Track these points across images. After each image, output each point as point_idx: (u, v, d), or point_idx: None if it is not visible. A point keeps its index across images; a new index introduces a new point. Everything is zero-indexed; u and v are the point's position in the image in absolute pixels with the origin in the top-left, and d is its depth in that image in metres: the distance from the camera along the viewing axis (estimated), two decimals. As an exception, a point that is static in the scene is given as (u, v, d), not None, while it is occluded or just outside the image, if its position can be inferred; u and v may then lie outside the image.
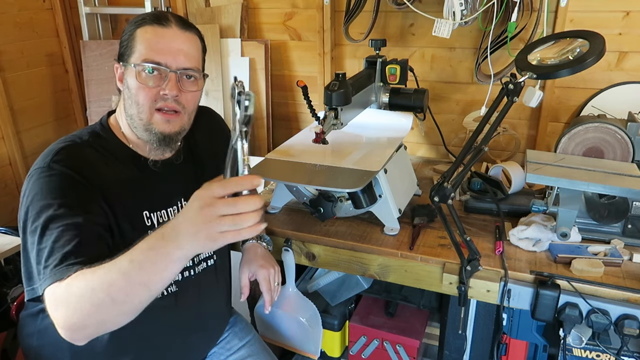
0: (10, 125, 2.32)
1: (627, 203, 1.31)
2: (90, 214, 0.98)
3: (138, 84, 1.04)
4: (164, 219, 1.15)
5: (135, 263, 0.81)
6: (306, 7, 2.09)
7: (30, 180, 1.00)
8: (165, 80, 1.05)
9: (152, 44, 1.04)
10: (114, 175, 1.06)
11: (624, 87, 1.75)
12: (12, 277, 1.90)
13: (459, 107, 2.01)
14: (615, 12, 1.69)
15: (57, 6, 2.47)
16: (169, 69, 1.05)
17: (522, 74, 1.19)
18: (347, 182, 1.27)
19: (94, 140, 1.09)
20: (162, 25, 1.05)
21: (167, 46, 1.05)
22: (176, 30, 1.06)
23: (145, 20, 1.06)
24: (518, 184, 1.55)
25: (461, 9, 1.62)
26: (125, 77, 1.07)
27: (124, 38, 1.08)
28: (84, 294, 0.84)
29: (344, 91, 1.32)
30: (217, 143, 1.30)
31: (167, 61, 1.04)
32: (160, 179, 1.15)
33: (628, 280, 1.18)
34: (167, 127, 1.08)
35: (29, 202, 0.98)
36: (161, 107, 1.06)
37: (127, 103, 1.08)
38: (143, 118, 1.06)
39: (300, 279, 1.83)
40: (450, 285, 1.25)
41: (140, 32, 1.05)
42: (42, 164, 1.00)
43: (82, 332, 0.87)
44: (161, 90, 1.05)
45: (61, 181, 0.98)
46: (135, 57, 1.05)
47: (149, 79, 1.04)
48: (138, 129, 1.08)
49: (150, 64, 1.03)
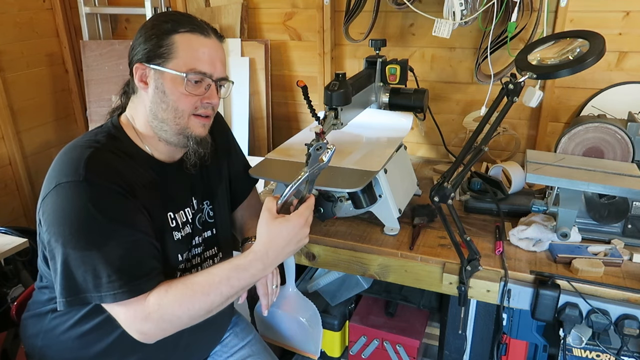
0: (10, 125, 2.32)
1: (627, 203, 1.31)
2: (140, 226, 1.02)
3: (181, 91, 1.06)
4: (183, 219, 1.17)
5: (235, 288, 1.02)
6: (306, 7, 2.09)
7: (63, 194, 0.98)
8: (207, 90, 1.09)
9: (199, 54, 1.07)
10: (138, 179, 1.06)
11: (624, 87, 1.75)
12: (12, 277, 1.89)
13: (459, 107, 2.01)
14: (615, 12, 1.69)
15: (57, 6, 2.48)
16: (212, 78, 1.09)
17: (522, 74, 1.19)
18: (347, 182, 1.27)
19: (111, 143, 1.08)
20: (204, 35, 1.08)
21: (211, 57, 1.08)
22: (214, 40, 1.10)
23: (185, 28, 1.06)
24: (518, 184, 1.55)
25: (461, 9, 1.62)
26: (159, 81, 1.06)
27: (153, 42, 1.06)
28: (182, 316, 1.00)
29: (344, 91, 1.32)
30: (219, 142, 1.31)
31: (212, 71, 1.09)
32: (175, 180, 1.17)
33: (628, 280, 1.18)
34: (203, 131, 1.13)
35: (70, 218, 0.97)
36: (201, 113, 1.11)
37: (159, 107, 1.08)
38: (180, 123, 1.09)
39: (300, 279, 1.83)
40: (450, 285, 1.25)
41: (181, 39, 1.06)
42: (74, 176, 0.97)
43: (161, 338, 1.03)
44: (204, 99, 1.09)
45: (105, 195, 0.99)
46: (177, 64, 1.05)
47: (194, 87, 1.07)
48: (168, 133, 1.10)
49: (198, 75, 1.06)
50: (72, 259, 0.97)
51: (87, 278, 0.97)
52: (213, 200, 1.27)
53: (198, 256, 1.22)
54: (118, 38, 2.51)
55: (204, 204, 1.25)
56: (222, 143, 1.33)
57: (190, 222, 1.19)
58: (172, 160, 1.17)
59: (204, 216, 1.25)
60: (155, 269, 1.03)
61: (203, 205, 1.24)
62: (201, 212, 1.24)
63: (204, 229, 1.24)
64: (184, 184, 1.19)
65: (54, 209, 0.98)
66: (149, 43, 1.06)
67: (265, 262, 1.01)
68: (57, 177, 0.99)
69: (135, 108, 1.13)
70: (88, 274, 0.96)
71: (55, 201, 0.98)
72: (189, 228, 1.18)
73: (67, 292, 0.98)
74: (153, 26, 1.08)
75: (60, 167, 1.01)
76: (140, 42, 1.07)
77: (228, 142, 1.37)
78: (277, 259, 1.02)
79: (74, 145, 1.06)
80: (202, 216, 1.24)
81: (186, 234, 1.17)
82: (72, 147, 1.06)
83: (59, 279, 0.98)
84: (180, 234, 1.15)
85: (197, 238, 1.21)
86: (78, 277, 0.97)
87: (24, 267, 1.90)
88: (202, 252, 1.24)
